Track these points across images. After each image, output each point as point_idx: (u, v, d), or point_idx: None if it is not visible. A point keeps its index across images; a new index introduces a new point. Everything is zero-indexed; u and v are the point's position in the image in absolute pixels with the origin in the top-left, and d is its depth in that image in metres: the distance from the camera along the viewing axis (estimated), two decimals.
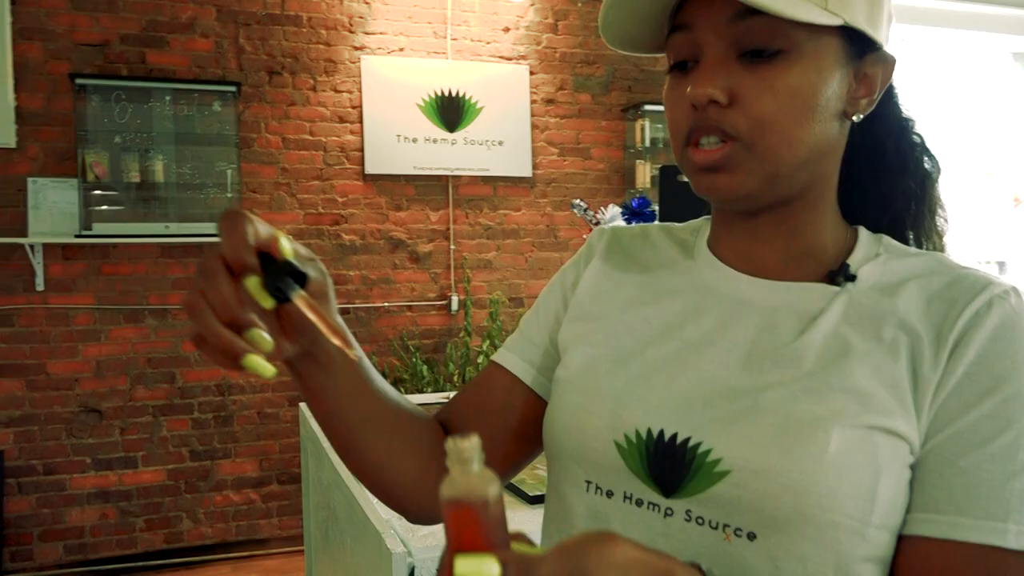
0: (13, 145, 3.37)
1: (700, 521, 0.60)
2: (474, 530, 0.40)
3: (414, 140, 3.92)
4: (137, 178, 3.50)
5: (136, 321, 3.55)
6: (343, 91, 3.82)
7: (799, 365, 0.61)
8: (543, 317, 0.80)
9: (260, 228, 0.55)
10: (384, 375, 3.89)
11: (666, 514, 0.62)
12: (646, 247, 0.78)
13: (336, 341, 0.56)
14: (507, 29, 4.07)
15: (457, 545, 0.41)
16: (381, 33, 3.87)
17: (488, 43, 4.05)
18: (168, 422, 3.61)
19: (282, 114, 3.74)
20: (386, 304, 3.93)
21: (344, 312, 3.84)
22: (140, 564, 3.53)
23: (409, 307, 3.98)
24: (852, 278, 0.65)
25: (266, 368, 0.55)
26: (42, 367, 3.44)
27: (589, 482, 0.67)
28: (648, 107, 4.16)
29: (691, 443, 0.61)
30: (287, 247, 0.56)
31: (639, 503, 0.64)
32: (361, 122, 3.84)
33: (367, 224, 3.89)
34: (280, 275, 0.55)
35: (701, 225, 0.78)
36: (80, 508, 3.48)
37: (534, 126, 4.13)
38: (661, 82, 4.74)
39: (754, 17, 0.59)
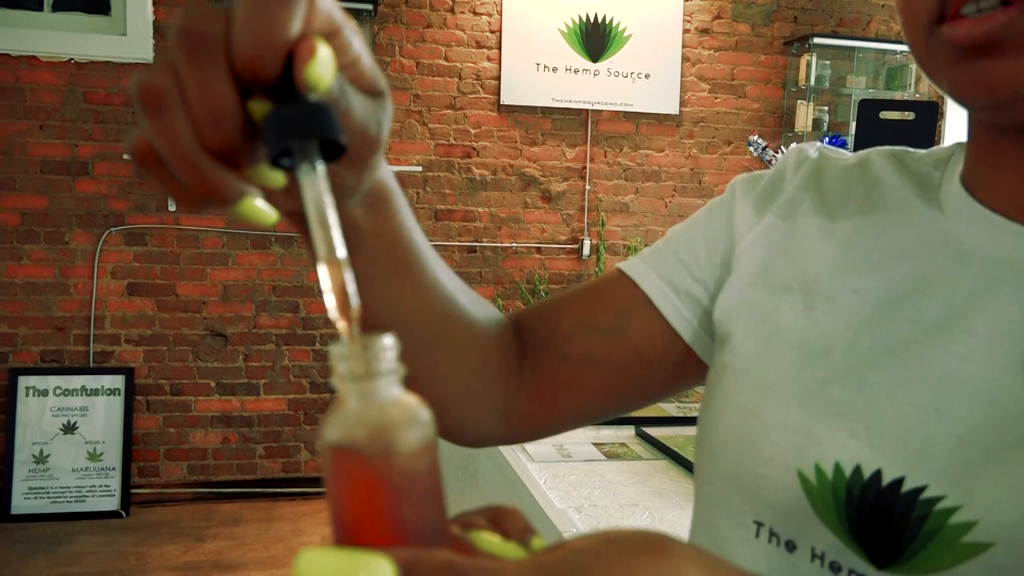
0: (151, 60, 3.31)
1: None
2: (370, 505, 0.23)
3: (554, 69, 3.63)
4: None
5: (263, 248, 3.48)
6: (482, 13, 3.56)
7: None
8: (707, 243, 0.57)
9: (322, 4, 0.30)
10: None
11: None
12: (863, 182, 0.52)
13: (336, 311, 0.29)
14: None
15: (342, 531, 0.23)
16: None
17: None
18: (290, 352, 3.56)
19: (417, 37, 3.53)
20: (514, 244, 3.72)
21: (470, 251, 3.66)
22: (258, 490, 3.53)
23: (538, 249, 3.75)
24: None
25: (266, 213, 0.33)
26: (171, 288, 3.43)
27: (760, 524, 0.46)
28: (817, 40, 3.71)
29: (926, 494, 0.39)
30: (325, 69, 0.30)
31: (835, 568, 0.42)
32: (499, 48, 3.58)
33: (499, 159, 3.67)
34: (294, 126, 0.29)
35: (951, 154, 0.49)
36: (204, 431, 3.49)
37: (685, 58, 3.76)
38: (833, 13, 4.17)
39: None
